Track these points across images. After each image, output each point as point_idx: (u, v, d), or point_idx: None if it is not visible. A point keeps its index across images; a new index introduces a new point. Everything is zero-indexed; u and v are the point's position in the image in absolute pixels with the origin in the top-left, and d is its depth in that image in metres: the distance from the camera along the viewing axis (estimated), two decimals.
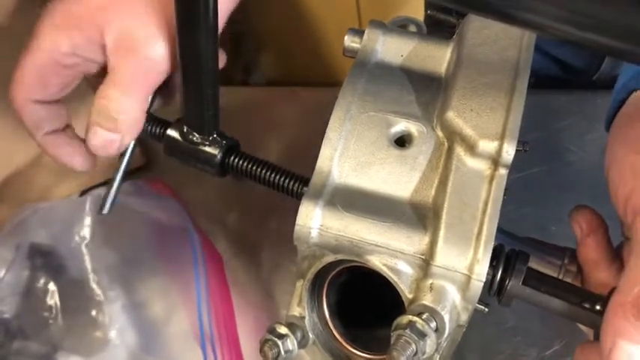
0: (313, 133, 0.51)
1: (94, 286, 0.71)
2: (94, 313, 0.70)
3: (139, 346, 0.71)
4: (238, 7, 0.61)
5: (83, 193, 0.78)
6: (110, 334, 0.70)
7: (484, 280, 0.45)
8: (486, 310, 0.49)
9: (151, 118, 0.61)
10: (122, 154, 0.61)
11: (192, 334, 0.73)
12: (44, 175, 0.79)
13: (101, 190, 0.73)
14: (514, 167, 0.48)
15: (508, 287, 0.48)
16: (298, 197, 0.56)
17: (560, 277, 0.55)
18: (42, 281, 0.71)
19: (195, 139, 0.59)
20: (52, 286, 0.70)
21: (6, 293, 0.69)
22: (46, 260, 0.71)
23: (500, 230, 0.49)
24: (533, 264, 0.53)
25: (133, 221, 0.74)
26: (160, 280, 0.75)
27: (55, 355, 0.69)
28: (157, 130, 0.60)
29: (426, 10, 0.63)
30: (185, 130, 0.59)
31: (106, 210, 0.59)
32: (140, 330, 0.72)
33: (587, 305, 0.48)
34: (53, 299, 0.70)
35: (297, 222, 0.48)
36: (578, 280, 0.54)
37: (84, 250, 0.71)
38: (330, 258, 0.48)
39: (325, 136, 0.50)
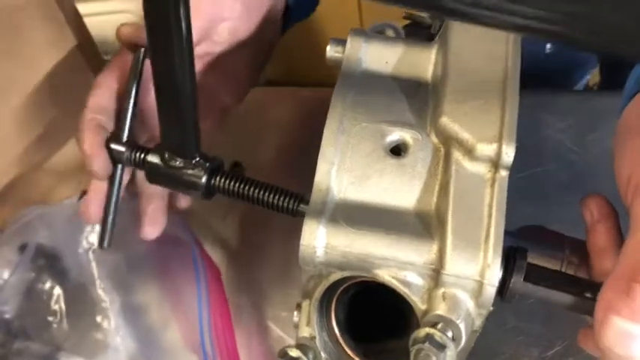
0: (314, 134, 0.51)
1: (99, 291, 0.71)
2: (98, 318, 0.71)
3: (140, 351, 0.72)
4: None
5: (84, 193, 0.77)
6: (112, 338, 0.71)
7: (497, 284, 0.45)
8: (492, 308, 0.49)
9: (130, 144, 0.60)
10: (111, 184, 0.59)
11: (191, 344, 0.74)
12: (46, 177, 0.79)
13: None
14: (513, 167, 0.48)
15: (510, 285, 0.48)
16: (292, 214, 0.55)
17: (563, 269, 0.55)
18: (47, 285, 0.72)
19: (177, 163, 0.57)
20: (56, 290, 0.71)
21: (9, 294, 0.70)
22: (50, 263, 0.72)
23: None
24: (535, 259, 0.53)
25: (136, 230, 0.74)
26: (161, 289, 0.76)
27: (56, 355, 0.70)
28: (137, 157, 0.59)
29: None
30: (166, 155, 0.57)
31: (105, 244, 0.58)
32: (141, 336, 0.73)
33: (589, 295, 0.48)
34: (58, 304, 0.71)
35: (301, 242, 0.47)
36: (580, 271, 0.54)
37: (90, 256, 0.71)
38: (337, 275, 0.47)
39: (320, 151, 0.49)
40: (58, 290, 0.72)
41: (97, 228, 0.71)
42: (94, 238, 0.72)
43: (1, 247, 0.74)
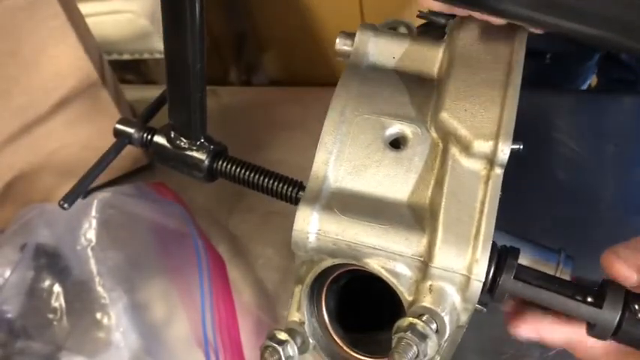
0: (316, 133, 0.51)
1: (98, 288, 0.72)
2: (98, 315, 0.72)
3: (142, 347, 0.72)
4: (241, 7, 0.60)
5: (87, 193, 0.78)
6: (114, 335, 0.71)
7: (483, 280, 0.45)
8: (484, 310, 0.49)
9: (138, 125, 0.61)
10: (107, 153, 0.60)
11: (194, 338, 0.75)
12: (48, 176, 0.80)
13: (106, 193, 0.74)
14: (515, 167, 0.48)
15: (500, 282, 0.48)
16: (291, 201, 0.56)
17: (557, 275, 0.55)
18: (47, 282, 0.72)
19: (182, 144, 0.59)
20: (57, 288, 0.72)
21: (10, 293, 0.71)
22: (51, 261, 0.73)
23: (496, 229, 0.48)
24: (529, 265, 0.53)
25: (137, 225, 0.75)
26: (163, 284, 0.76)
27: (58, 354, 0.71)
28: (145, 137, 0.60)
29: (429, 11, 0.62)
30: (172, 135, 0.59)
31: (67, 205, 0.59)
32: (143, 332, 0.73)
33: (579, 298, 0.48)
34: (58, 301, 0.72)
35: (294, 227, 0.47)
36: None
37: (89, 252, 0.72)
38: (328, 262, 0.48)
39: (320, 140, 0.50)
40: (58, 288, 0.72)
41: (95, 224, 0.72)
42: (92, 234, 0.73)
43: (2, 247, 0.75)
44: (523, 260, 0.50)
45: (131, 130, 0.61)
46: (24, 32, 0.64)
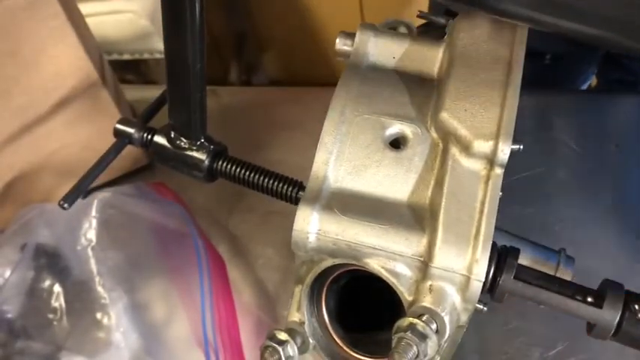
0: (316, 133, 0.51)
1: (98, 288, 0.72)
2: (98, 315, 0.72)
3: (142, 347, 0.72)
4: (241, 7, 0.60)
5: (87, 193, 0.78)
6: (114, 335, 0.71)
7: (483, 280, 0.45)
8: (485, 309, 0.49)
9: (139, 126, 0.61)
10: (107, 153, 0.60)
11: (194, 338, 0.75)
12: (49, 176, 0.80)
13: (106, 193, 0.74)
14: (516, 167, 0.48)
15: (500, 282, 0.48)
16: (291, 201, 0.56)
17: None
18: (47, 282, 0.72)
19: (182, 144, 0.59)
20: (57, 288, 0.72)
21: (10, 293, 0.71)
22: (51, 261, 0.72)
23: (496, 228, 0.48)
24: (529, 265, 0.53)
25: (138, 225, 0.75)
26: (163, 284, 0.76)
27: (58, 354, 0.71)
28: (145, 137, 0.60)
29: (429, 10, 0.63)
30: (172, 135, 0.59)
31: (67, 205, 0.59)
32: (143, 332, 0.73)
33: (579, 298, 0.48)
34: (58, 301, 0.72)
35: (294, 227, 0.47)
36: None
37: (90, 252, 0.72)
38: (328, 262, 0.48)
39: (320, 140, 0.50)
40: (58, 288, 0.72)
41: (95, 224, 0.72)
42: (92, 234, 0.73)
43: (2, 247, 0.74)
44: (523, 260, 0.50)
45: (131, 130, 0.61)
46: (24, 32, 0.64)
